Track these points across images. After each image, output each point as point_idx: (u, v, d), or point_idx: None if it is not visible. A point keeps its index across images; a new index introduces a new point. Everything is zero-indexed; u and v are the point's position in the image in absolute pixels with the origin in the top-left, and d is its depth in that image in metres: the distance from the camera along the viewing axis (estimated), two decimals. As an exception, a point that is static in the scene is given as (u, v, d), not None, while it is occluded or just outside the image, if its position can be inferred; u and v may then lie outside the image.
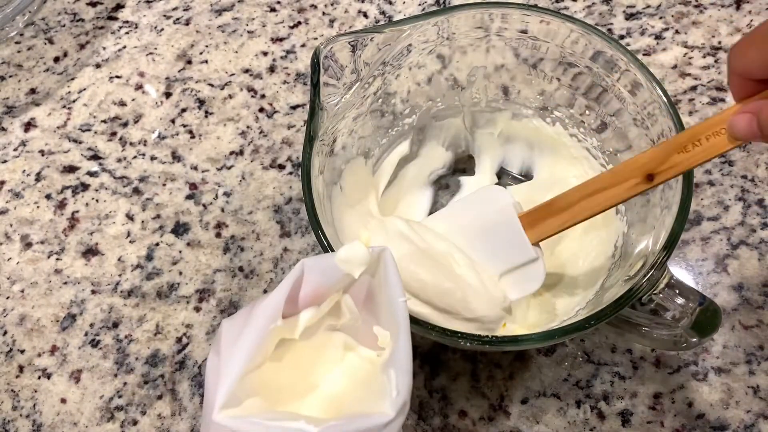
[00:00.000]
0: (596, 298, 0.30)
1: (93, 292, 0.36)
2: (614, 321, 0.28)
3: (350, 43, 0.30)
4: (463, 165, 0.38)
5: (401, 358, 0.22)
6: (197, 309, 0.36)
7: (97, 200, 0.39)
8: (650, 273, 0.26)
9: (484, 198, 0.32)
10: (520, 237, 0.30)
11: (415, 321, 0.26)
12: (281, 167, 0.40)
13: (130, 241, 0.38)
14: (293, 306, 0.24)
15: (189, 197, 0.39)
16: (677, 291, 0.26)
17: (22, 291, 0.37)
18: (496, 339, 0.26)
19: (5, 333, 0.36)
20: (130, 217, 0.38)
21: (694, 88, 0.40)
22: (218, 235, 0.38)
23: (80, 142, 0.41)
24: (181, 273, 0.37)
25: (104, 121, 0.41)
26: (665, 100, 0.28)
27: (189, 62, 0.43)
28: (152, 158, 0.40)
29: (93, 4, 0.46)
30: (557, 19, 0.31)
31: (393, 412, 0.21)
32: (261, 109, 0.42)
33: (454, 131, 0.37)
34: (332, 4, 0.45)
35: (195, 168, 0.40)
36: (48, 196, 0.39)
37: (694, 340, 0.27)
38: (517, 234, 0.30)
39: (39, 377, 0.34)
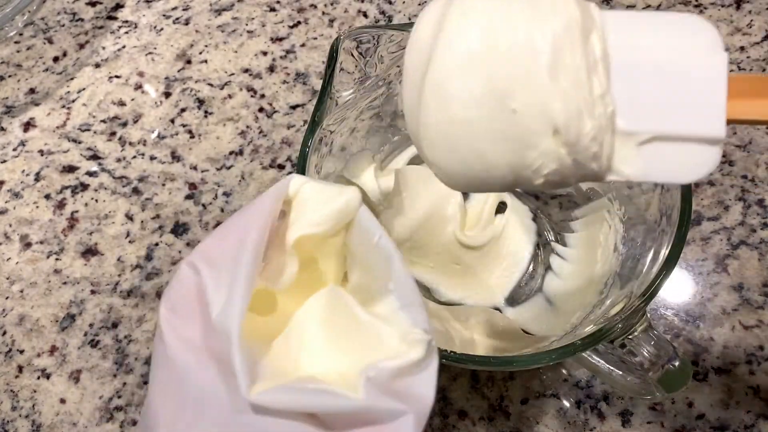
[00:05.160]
0: (572, 333, 0.30)
1: (92, 292, 0.36)
2: (586, 360, 0.28)
3: (373, 36, 0.30)
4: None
5: (407, 293, 0.20)
6: (197, 309, 0.36)
7: (96, 200, 0.39)
8: (625, 317, 0.25)
9: (679, 26, 0.20)
10: (715, 102, 0.19)
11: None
12: (281, 167, 0.39)
13: (130, 241, 0.38)
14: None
15: (188, 197, 0.39)
16: (652, 342, 0.26)
17: (22, 291, 0.36)
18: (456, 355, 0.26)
19: (4, 333, 0.35)
20: (129, 217, 0.38)
21: (694, 88, 0.40)
22: (218, 235, 0.38)
23: (79, 142, 0.41)
24: (180, 273, 0.37)
25: (103, 121, 0.41)
26: None
27: (188, 62, 0.43)
28: (152, 158, 0.40)
29: (92, 4, 0.46)
30: None
31: (422, 350, 0.19)
32: (261, 109, 0.41)
33: None
34: (332, 4, 0.45)
35: (194, 168, 0.40)
36: (47, 196, 0.39)
37: (659, 394, 0.27)
38: (711, 96, 0.19)
39: (38, 377, 0.34)
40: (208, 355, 0.19)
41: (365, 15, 0.45)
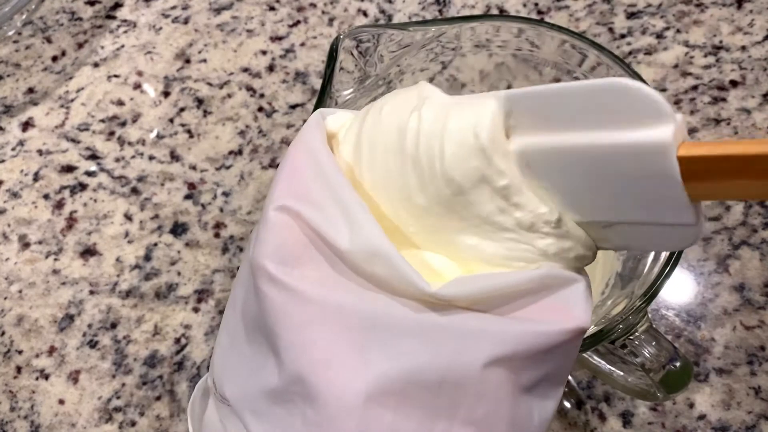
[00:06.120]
0: None
1: (91, 292, 0.36)
2: (587, 361, 0.28)
3: (373, 35, 0.29)
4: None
5: None
6: (196, 310, 0.36)
7: (95, 200, 0.39)
8: (626, 317, 0.25)
9: (613, 107, 0.16)
10: (671, 193, 0.16)
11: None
12: (280, 167, 0.39)
13: (129, 242, 0.37)
14: None
15: (187, 197, 0.39)
16: (653, 342, 0.26)
17: (20, 291, 0.36)
18: None
19: (3, 334, 0.35)
20: (128, 217, 0.38)
21: (695, 88, 0.40)
22: (217, 235, 0.37)
23: (78, 142, 0.41)
24: (179, 273, 0.36)
25: (102, 121, 0.41)
26: None
27: (187, 61, 0.43)
28: (150, 158, 0.40)
29: (91, 3, 0.46)
30: (583, 42, 0.30)
31: None
32: (260, 109, 0.41)
33: None
34: (331, 3, 0.45)
35: (193, 168, 0.40)
36: (46, 196, 0.39)
37: (660, 395, 0.27)
38: (666, 186, 0.16)
39: (37, 378, 0.34)
40: (356, 288, 0.17)
41: (365, 14, 0.44)
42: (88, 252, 0.37)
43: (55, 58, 0.44)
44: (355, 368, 0.16)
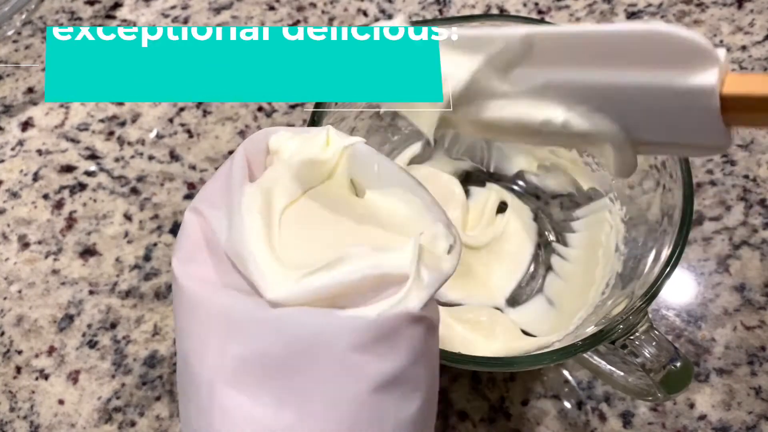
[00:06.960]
0: (573, 333, 0.29)
1: (91, 292, 0.36)
2: (587, 361, 0.28)
3: None
4: (479, 175, 0.37)
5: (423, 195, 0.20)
6: (196, 310, 0.36)
7: (94, 200, 0.39)
8: (626, 318, 0.25)
9: (653, 52, 0.17)
10: (710, 122, 0.17)
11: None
12: (280, 167, 0.39)
13: (128, 242, 0.37)
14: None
15: (187, 197, 0.39)
16: (653, 342, 0.26)
17: (20, 291, 0.36)
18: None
19: (2, 334, 0.35)
20: (128, 217, 0.38)
21: (695, 87, 0.40)
22: (217, 235, 0.37)
23: (78, 142, 0.41)
24: (179, 273, 0.36)
25: (102, 121, 0.41)
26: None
27: (187, 61, 0.43)
28: (150, 158, 0.40)
29: (91, 3, 0.46)
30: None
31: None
32: (260, 109, 0.41)
33: (469, 139, 0.36)
34: (331, 2, 0.45)
35: (193, 168, 0.40)
36: (45, 196, 0.39)
37: (660, 395, 0.27)
38: (704, 119, 0.17)
39: (36, 378, 0.34)
40: (226, 284, 0.19)
41: (365, 14, 0.44)
42: (88, 252, 0.37)
43: (54, 58, 0.44)
44: (215, 356, 0.18)
